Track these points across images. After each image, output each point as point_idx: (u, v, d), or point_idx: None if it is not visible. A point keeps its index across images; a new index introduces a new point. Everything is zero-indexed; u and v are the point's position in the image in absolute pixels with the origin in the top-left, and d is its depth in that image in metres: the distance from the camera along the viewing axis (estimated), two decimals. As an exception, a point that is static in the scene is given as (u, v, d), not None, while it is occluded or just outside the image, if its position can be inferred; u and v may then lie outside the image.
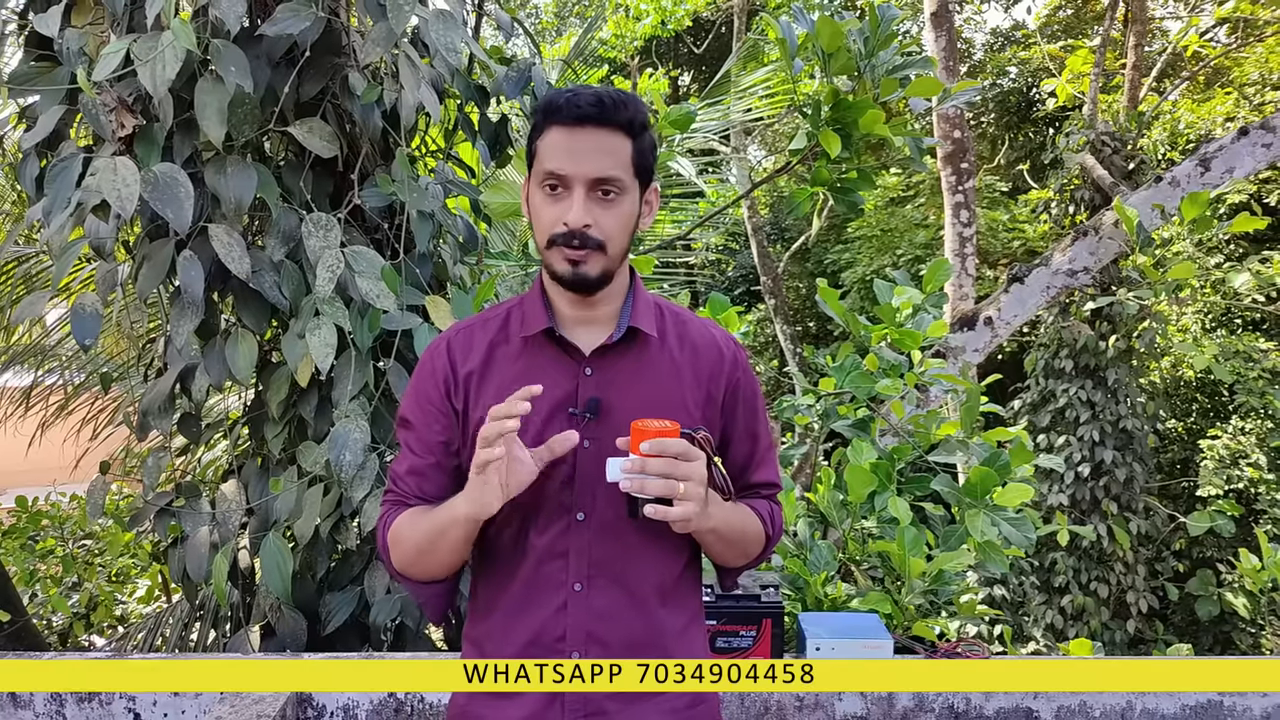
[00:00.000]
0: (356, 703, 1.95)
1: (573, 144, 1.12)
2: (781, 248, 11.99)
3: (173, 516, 2.36)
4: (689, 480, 1.05)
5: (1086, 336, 7.31)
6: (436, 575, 1.22)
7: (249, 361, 2.15)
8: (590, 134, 1.12)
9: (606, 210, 1.14)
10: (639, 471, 1.04)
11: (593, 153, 1.12)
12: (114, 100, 2.00)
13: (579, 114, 1.11)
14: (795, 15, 2.75)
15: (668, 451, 1.04)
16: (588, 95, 1.12)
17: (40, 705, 1.97)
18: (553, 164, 1.13)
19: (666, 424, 1.07)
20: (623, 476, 1.06)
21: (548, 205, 1.15)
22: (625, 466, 1.06)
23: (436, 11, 2.20)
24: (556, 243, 1.14)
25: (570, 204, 1.12)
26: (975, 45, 13.68)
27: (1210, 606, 6.93)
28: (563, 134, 1.13)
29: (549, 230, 1.15)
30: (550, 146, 1.14)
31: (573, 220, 1.12)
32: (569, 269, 1.14)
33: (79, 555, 5.20)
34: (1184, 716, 1.96)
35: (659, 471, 1.04)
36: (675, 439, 1.06)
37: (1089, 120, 7.62)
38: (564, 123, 1.13)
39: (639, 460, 1.05)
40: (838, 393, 2.80)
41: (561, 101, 1.13)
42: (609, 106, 1.12)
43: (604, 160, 1.12)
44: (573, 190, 1.13)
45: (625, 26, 9.33)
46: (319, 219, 2.16)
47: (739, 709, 1.96)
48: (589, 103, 1.11)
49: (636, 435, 1.06)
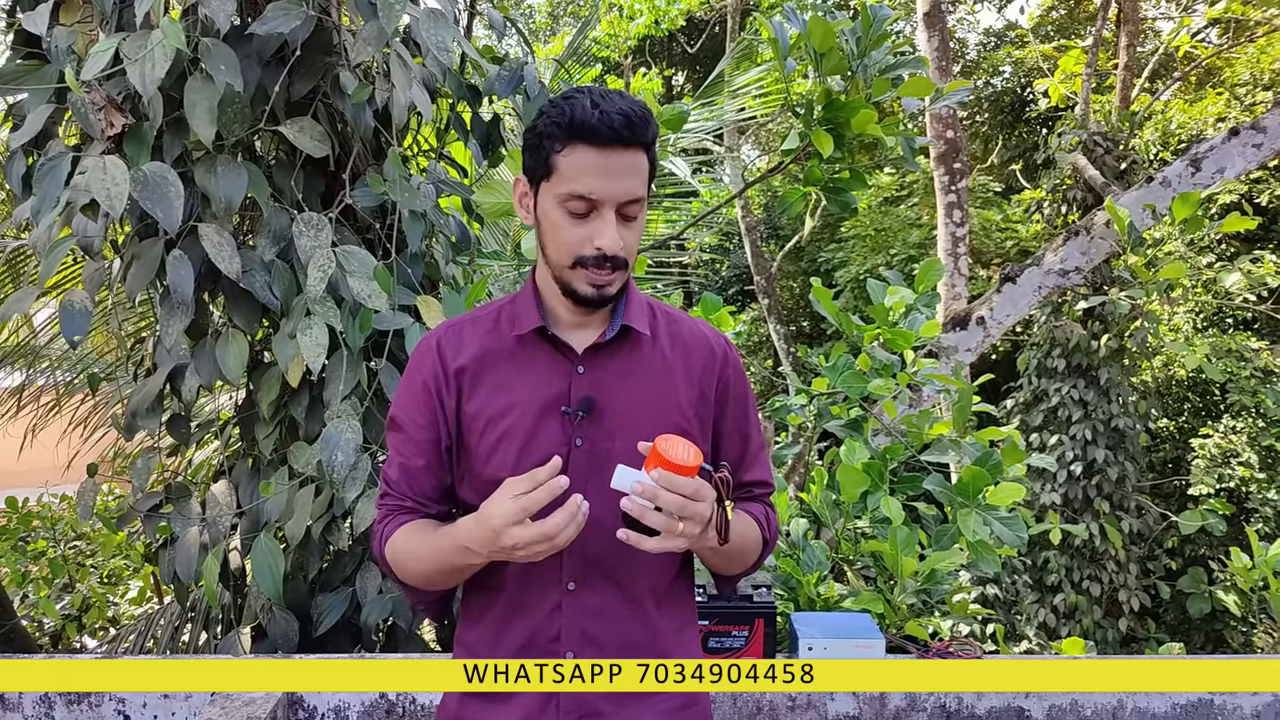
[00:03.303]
0: (347, 704, 1.94)
1: (605, 166, 1.09)
2: (775, 247, 12.00)
3: (163, 518, 2.35)
4: (689, 521, 1.04)
5: (1079, 336, 7.33)
6: (443, 590, 1.24)
7: (240, 361, 2.14)
8: (621, 156, 1.09)
9: (630, 229, 1.13)
10: (649, 498, 1.03)
11: (624, 173, 1.10)
12: (103, 99, 1.99)
13: (612, 136, 1.08)
14: (788, 15, 2.75)
15: (679, 490, 1.02)
16: (618, 117, 1.07)
17: (29, 708, 1.96)
18: (583, 186, 1.09)
19: (690, 454, 1.04)
20: (628, 497, 1.04)
21: (573, 226, 1.12)
22: (636, 488, 1.03)
23: (428, 10, 2.19)
24: (586, 265, 1.12)
25: (600, 226, 1.10)
26: (968, 45, 13.71)
27: (1201, 604, 6.95)
28: (593, 155, 1.09)
29: (576, 252, 1.12)
30: (578, 167, 1.09)
31: (609, 246, 1.10)
32: (594, 292, 1.13)
33: (71, 557, 5.17)
34: (1175, 715, 1.97)
35: (668, 508, 1.03)
36: (689, 479, 1.03)
37: (1081, 120, 7.64)
38: (595, 143, 1.08)
39: (651, 489, 1.02)
40: (831, 392, 2.80)
41: (593, 121, 1.07)
42: (638, 126, 1.09)
43: (633, 181, 1.11)
44: (603, 213, 1.11)
45: (619, 26, 9.33)
46: (310, 218, 2.15)
47: (731, 709, 1.96)
48: (621, 125, 1.07)
49: (655, 458, 1.04)
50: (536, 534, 1.02)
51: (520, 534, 1.02)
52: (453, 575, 1.18)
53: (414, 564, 1.19)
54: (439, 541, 1.15)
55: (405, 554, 1.20)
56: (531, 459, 1.16)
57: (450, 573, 1.17)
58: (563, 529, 1.03)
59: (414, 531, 1.20)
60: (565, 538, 1.03)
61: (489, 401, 1.20)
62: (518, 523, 1.03)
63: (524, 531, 1.02)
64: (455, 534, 1.13)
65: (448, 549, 1.13)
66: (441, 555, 1.15)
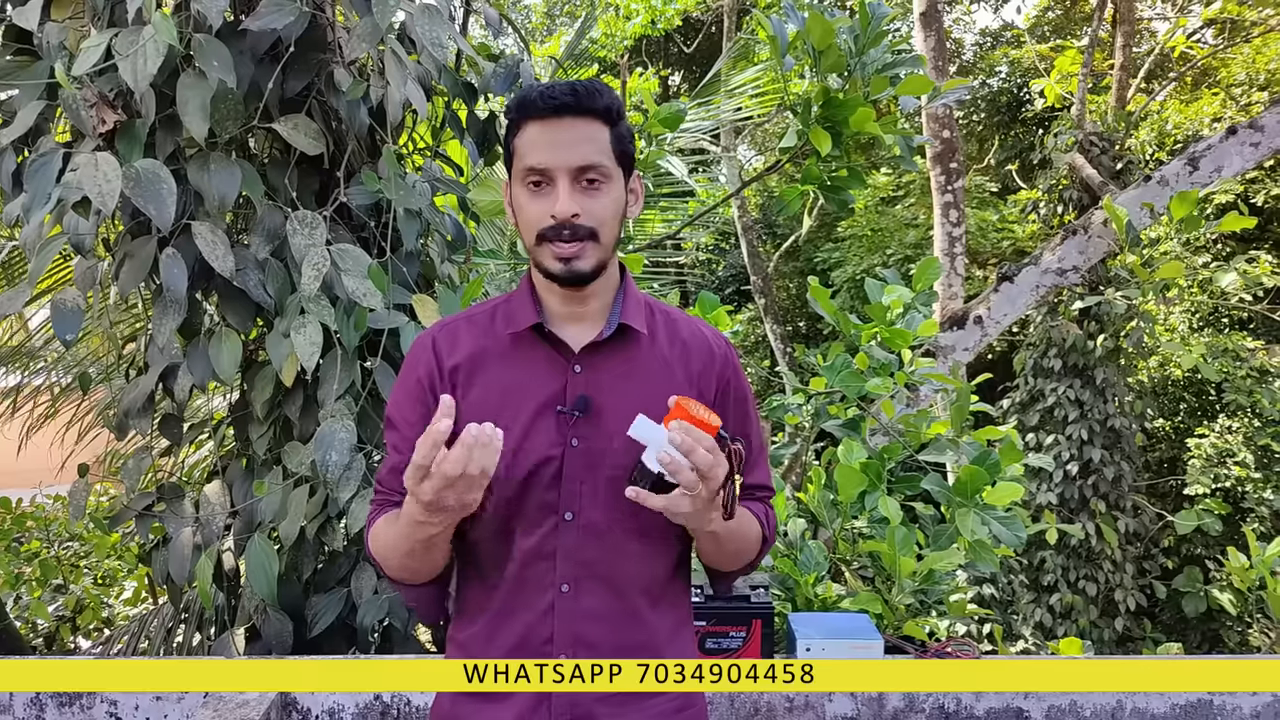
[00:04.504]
0: (342, 705, 1.93)
1: (552, 136, 1.10)
2: (772, 247, 12.00)
3: (156, 518, 2.33)
4: (709, 480, 1.02)
5: (1075, 335, 7.34)
6: (424, 577, 1.20)
7: (233, 361, 2.13)
8: (568, 124, 1.10)
9: (594, 198, 1.12)
10: (686, 450, 1.00)
11: (573, 142, 1.10)
12: (95, 95, 1.97)
13: (555, 105, 1.09)
14: (786, 12, 2.74)
15: (704, 444, 1.01)
16: (561, 87, 1.10)
17: (20, 709, 1.94)
18: (533, 159, 1.10)
19: (714, 416, 1.03)
20: (665, 451, 1.00)
21: (532, 201, 1.12)
22: (674, 439, 1.00)
23: (422, 6, 2.18)
24: (546, 238, 1.11)
25: (555, 196, 1.10)
26: (965, 45, 13.73)
27: (1197, 604, 6.96)
28: (540, 128, 1.11)
29: (536, 225, 1.12)
30: (529, 142, 1.11)
31: (560, 211, 1.10)
32: (561, 266, 1.12)
33: (64, 558, 5.14)
34: (1174, 715, 1.96)
35: (699, 464, 1.01)
36: (711, 436, 1.02)
37: (1077, 120, 7.64)
38: (540, 116, 1.10)
39: (690, 441, 1.00)
40: (828, 392, 2.79)
41: (534, 96, 1.10)
42: (584, 94, 1.10)
43: (585, 148, 1.10)
44: (556, 183, 1.10)
45: (615, 25, 9.31)
46: (304, 217, 2.13)
47: (728, 710, 1.95)
48: (563, 93, 1.09)
49: (680, 412, 1.02)
50: (439, 479, 0.98)
51: (426, 486, 0.99)
52: (421, 553, 1.13)
53: (389, 552, 1.17)
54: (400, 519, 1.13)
55: (382, 543, 1.18)
56: (526, 458, 1.15)
57: (415, 550, 1.12)
58: (462, 462, 0.98)
59: (386, 519, 1.18)
60: (476, 467, 0.98)
61: (484, 400, 1.18)
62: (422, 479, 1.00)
63: (428, 482, 0.99)
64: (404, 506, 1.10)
65: (403, 522, 1.10)
66: (401, 531, 1.11)
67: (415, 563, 1.16)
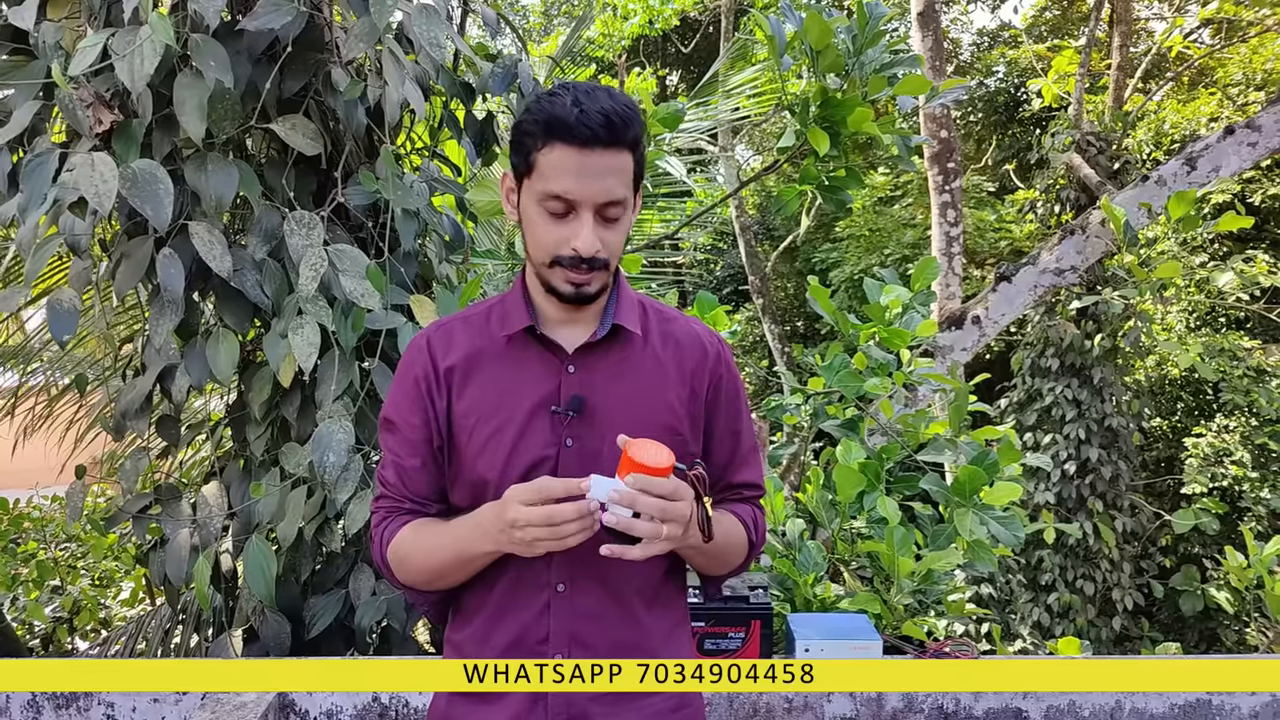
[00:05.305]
0: (340, 706, 1.92)
1: (582, 166, 1.06)
2: (769, 247, 12.00)
3: (153, 519, 2.33)
4: (671, 523, 1.03)
5: (1072, 335, 7.35)
6: (449, 586, 1.22)
7: (230, 361, 2.12)
8: (599, 156, 1.07)
9: (612, 230, 1.11)
10: (628, 504, 1.01)
11: (601, 173, 1.07)
12: (91, 95, 1.97)
13: (589, 136, 1.05)
14: (784, 12, 2.74)
15: (656, 491, 1.01)
16: (597, 115, 1.05)
17: (17, 711, 1.94)
18: (560, 186, 1.07)
19: (662, 455, 1.02)
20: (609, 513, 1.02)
21: (551, 226, 1.10)
22: (613, 496, 1.01)
23: (420, 6, 2.17)
24: (562, 265, 1.11)
25: (577, 228, 1.09)
26: (962, 45, 13.74)
27: (1195, 603, 6.97)
28: (570, 155, 1.06)
29: (553, 251, 1.11)
30: (556, 167, 1.07)
31: (585, 248, 1.09)
32: (572, 290, 1.13)
33: (62, 559, 5.13)
34: (1173, 715, 1.96)
35: (647, 512, 1.01)
36: (664, 480, 1.02)
37: (1075, 120, 7.65)
38: (572, 143, 1.06)
39: (629, 494, 1.01)
40: (826, 392, 2.79)
41: (571, 120, 1.05)
42: (619, 127, 1.06)
43: (611, 181, 1.08)
44: (580, 214, 1.09)
45: (612, 25, 9.30)
46: (302, 217, 2.13)
47: (727, 711, 1.95)
48: (599, 124, 1.05)
49: (627, 463, 1.02)
50: (542, 515, 1.02)
51: (527, 512, 1.02)
52: (460, 568, 1.17)
53: (421, 558, 1.18)
54: (455, 530, 1.15)
55: (413, 550, 1.19)
56: (521, 459, 1.15)
57: (459, 564, 1.16)
58: (569, 520, 1.02)
59: (421, 528, 1.20)
60: (570, 531, 1.02)
61: (478, 401, 1.19)
62: (530, 503, 1.03)
63: (531, 511, 1.02)
64: (473, 516, 1.13)
65: (463, 533, 1.13)
66: (457, 542, 1.14)
67: (451, 576, 1.19)
